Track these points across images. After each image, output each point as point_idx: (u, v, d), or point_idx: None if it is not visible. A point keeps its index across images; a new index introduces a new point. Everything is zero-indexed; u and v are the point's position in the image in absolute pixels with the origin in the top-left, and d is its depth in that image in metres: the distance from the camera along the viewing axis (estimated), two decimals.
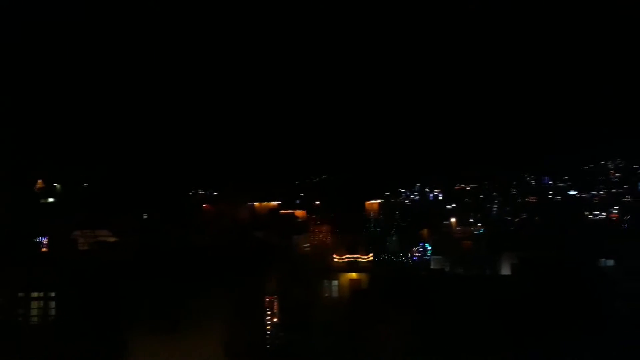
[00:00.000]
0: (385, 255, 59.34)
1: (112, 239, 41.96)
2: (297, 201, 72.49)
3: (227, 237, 42.47)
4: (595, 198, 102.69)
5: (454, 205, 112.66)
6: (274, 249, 41.33)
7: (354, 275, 42.23)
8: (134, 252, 36.22)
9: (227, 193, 69.35)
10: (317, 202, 66.76)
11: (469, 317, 31.65)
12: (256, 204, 63.91)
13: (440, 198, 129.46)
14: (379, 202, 72.46)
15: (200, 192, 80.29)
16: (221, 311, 32.43)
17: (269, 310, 37.75)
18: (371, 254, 44.52)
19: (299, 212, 61.85)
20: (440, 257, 60.61)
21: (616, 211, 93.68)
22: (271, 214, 59.87)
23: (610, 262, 43.58)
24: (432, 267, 57.01)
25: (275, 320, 37.94)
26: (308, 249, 49.63)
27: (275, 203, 64.25)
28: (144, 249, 37.15)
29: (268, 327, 37.07)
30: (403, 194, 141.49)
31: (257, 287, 36.75)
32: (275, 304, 38.32)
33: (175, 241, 41.04)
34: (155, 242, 40.17)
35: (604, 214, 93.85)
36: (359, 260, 43.28)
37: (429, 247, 66.36)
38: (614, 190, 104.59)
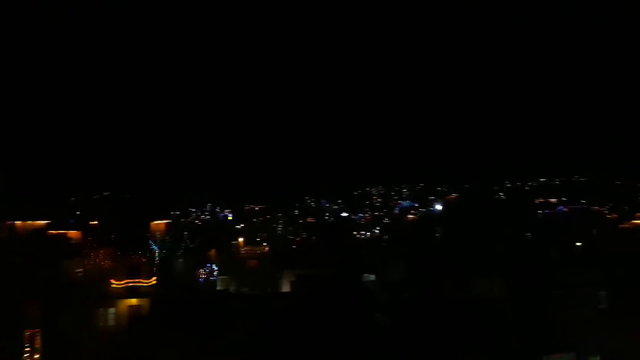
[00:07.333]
0: (170, 278, 57.34)
1: None
2: (72, 220, 64.96)
3: None
4: (362, 219, 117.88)
5: (242, 225, 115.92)
6: (35, 275, 36.39)
7: (133, 301, 39.92)
8: None
9: None
10: (96, 222, 60.92)
11: (250, 334, 32.87)
12: (17, 222, 55.15)
13: (230, 218, 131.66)
14: (166, 222, 69.81)
15: None
16: None
17: (28, 346, 33.21)
18: (154, 278, 42.70)
19: (72, 233, 55.45)
20: (226, 277, 61.51)
21: (378, 231, 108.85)
22: (35, 235, 52.33)
23: (372, 277, 50.54)
24: (218, 287, 57.31)
25: (36, 356, 33.54)
26: (81, 274, 45.01)
27: (43, 222, 56.41)
28: None
29: None
30: (193, 214, 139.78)
31: (11, 319, 32.04)
32: (37, 338, 33.89)
33: None
34: None
35: (369, 233, 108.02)
36: (140, 284, 41.13)
37: (216, 268, 66.69)
38: (376, 213, 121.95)
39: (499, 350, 30.59)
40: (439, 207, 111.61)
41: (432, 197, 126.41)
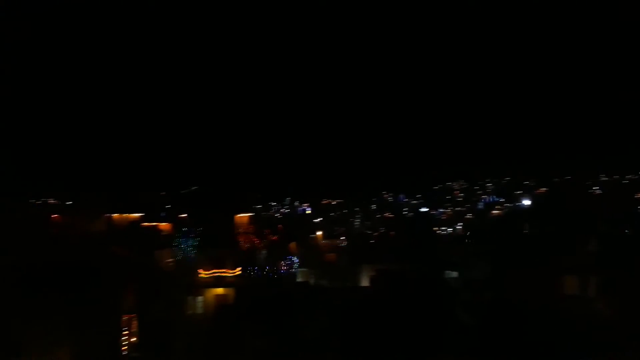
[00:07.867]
0: (253, 269, 59.41)
1: None
2: (162, 213, 69.17)
3: (78, 251, 39.20)
4: (443, 215, 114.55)
5: (320, 218, 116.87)
6: (132, 264, 39.12)
7: (220, 290, 41.77)
8: None
9: (81, 203, 63.86)
10: (184, 215, 64.49)
11: (329, 326, 33.14)
12: (115, 215, 59.72)
13: (308, 212, 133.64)
14: (249, 216, 72.29)
15: (50, 200, 72.88)
16: (71, 331, 30.11)
17: (125, 330, 35.75)
18: (239, 268, 44.35)
19: (163, 225, 59.14)
20: (306, 269, 62.44)
21: (460, 227, 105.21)
22: (131, 227, 56.41)
23: (454, 274, 48.82)
24: (298, 279, 58.34)
25: (133, 339, 36.03)
26: (172, 264, 47.82)
27: (137, 215, 60.64)
28: None
29: (124, 347, 34.97)
30: (273, 208, 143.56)
31: (112, 305, 34.64)
32: (134, 322, 36.42)
33: (17, 256, 36.79)
34: None
35: (450, 229, 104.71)
36: (226, 275, 42.92)
37: (296, 260, 67.88)
38: (458, 209, 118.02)
39: (595, 357, 28.45)
40: (526, 202, 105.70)
41: (519, 192, 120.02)
